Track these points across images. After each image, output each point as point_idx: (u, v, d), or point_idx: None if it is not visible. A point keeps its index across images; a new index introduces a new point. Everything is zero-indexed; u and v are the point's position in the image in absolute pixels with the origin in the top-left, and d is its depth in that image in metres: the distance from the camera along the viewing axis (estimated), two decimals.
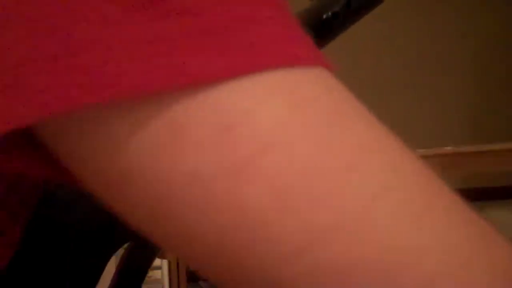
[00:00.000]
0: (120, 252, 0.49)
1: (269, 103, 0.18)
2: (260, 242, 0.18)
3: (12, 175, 0.25)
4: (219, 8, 0.18)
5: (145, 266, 0.52)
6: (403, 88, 2.51)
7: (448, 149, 1.52)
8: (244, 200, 0.18)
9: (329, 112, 0.19)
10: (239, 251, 0.18)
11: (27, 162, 0.21)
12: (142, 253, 0.51)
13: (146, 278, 1.38)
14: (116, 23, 0.18)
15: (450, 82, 2.59)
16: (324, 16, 0.56)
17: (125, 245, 0.49)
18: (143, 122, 0.18)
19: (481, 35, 2.62)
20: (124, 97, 0.17)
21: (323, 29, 0.56)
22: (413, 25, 2.56)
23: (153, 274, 1.28)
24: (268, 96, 0.18)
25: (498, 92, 2.63)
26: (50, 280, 0.40)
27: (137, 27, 0.18)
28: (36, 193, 0.29)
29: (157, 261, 1.27)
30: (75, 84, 0.17)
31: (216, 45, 0.18)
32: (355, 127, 0.20)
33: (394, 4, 2.53)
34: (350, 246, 0.18)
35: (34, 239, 0.37)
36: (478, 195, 2.39)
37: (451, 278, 0.18)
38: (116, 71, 0.17)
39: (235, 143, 0.18)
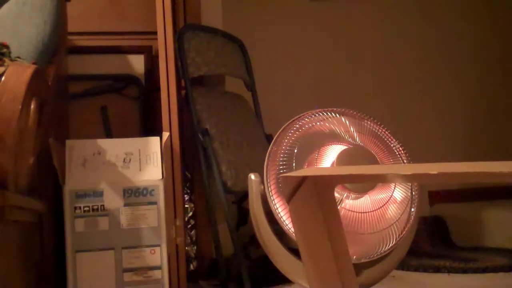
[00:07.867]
0: None
1: None
2: None
3: None
4: None
5: None
6: (403, 88, 2.52)
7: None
8: None
9: None
10: None
11: None
12: None
13: (146, 278, 1.37)
14: None
15: (450, 82, 2.59)
16: None
17: None
18: None
19: (481, 35, 2.62)
20: None
21: None
22: (413, 26, 2.56)
23: (153, 274, 1.28)
24: None
25: (498, 92, 2.63)
26: None
27: None
28: None
29: (157, 261, 1.26)
30: None
31: None
32: None
33: (394, 5, 2.53)
34: None
35: None
36: (478, 195, 2.39)
37: None
38: None
39: None
